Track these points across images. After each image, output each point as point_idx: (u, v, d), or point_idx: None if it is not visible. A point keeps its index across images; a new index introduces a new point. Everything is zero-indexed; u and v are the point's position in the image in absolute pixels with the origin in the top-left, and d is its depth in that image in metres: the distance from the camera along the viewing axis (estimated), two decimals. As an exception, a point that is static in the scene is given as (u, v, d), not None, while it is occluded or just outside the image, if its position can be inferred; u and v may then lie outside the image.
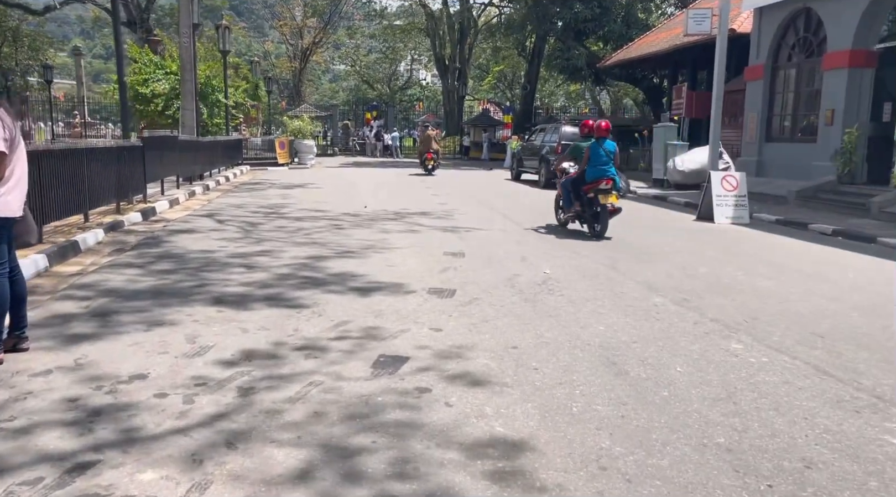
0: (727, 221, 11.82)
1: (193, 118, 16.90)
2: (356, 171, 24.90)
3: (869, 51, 13.18)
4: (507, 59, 52.15)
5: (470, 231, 9.94)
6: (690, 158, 18.20)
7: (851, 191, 13.15)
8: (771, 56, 16.13)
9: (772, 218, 12.12)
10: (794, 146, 15.31)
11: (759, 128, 16.50)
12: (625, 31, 29.74)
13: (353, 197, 14.84)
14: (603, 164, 9.58)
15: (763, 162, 16.43)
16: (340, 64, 72.04)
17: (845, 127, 13.41)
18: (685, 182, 18.28)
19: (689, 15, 16.53)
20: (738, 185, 11.99)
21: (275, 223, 10.18)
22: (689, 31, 16.74)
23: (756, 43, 16.53)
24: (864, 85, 13.40)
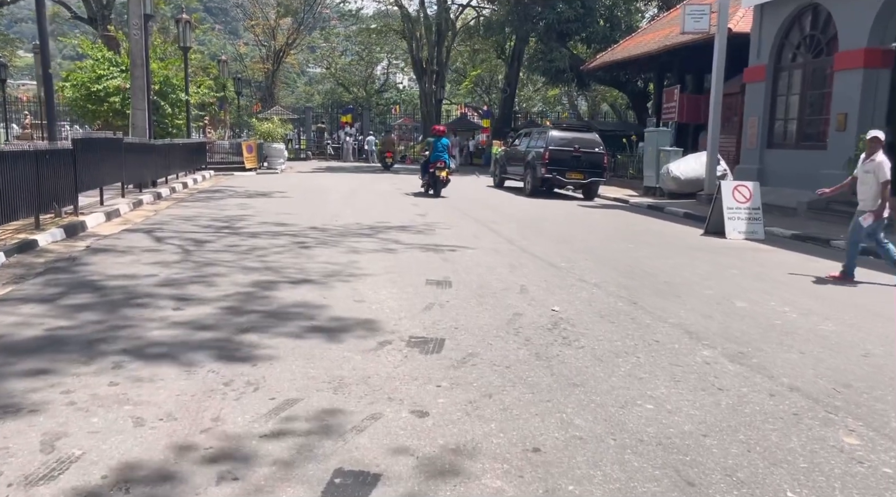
0: (740, 237, 10.59)
1: (145, 118, 15.27)
2: (329, 177, 23.37)
3: (885, 49, 12.10)
4: (485, 63, 51.01)
5: (455, 250, 8.54)
6: (686, 165, 17.05)
7: (868, 203, 12.02)
8: (773, 56, 15.03)
9: (786, 233, 10.91)
10: (801, 153, 14.19)
11: (760, 133, 15.39)
12: (609, 33, 28.67)
13: (323, 207, 13.37)
14: (440, 152, 16.46)
15: (765, 170, 15.31)
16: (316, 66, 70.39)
17: (860, 132, 12.27)
18: (680, 190, 17.11)
19: (685, 11, 15.38)
20: (750, 196, 10.77)
21: (225, 241, 8.67)
22: (685, 29, 15.60)
23: (756, 42, 15.43)
24: (881, 87, 12.32)
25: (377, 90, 63.91)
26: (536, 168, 17.40)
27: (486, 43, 41.37)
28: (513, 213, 13.46)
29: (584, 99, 58.68)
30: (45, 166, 8.69)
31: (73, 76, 20.45)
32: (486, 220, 12.12)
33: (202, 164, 22.80)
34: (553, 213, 13.85)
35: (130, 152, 13.44)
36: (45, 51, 9.94)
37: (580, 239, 10.10)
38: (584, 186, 17.66)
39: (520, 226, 11.38)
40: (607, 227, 11.85)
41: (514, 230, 10.76)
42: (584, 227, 11.65)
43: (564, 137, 17.45)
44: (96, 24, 29.73)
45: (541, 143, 17.64)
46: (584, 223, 12.35)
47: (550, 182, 17.55)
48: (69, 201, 9.77)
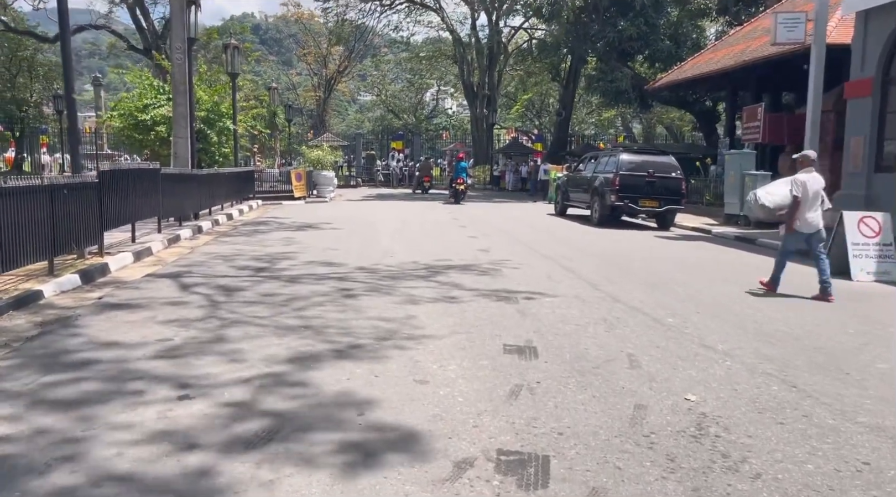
0: (869, 278, 8.81)
1: (187, 147, 14.39)
2: (380, 206, 22.27)
3: None
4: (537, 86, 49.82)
5: (531, 298, 7.09)
6: (776, 191, 15.16)
7: None
8: (881, 68, 13.19)
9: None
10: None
11: (866, 155, 13.50)
12: (674, 51, 27.01)
13: (374, 241, 12.11)
14: (460, 172, 23.80)
15: (872, 197, 13.37)
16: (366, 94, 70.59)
17: None
18: (769, 219, 15.16)
19: (777, 20, 13.72)
20: (880, 229, 9.01)
21: (261, 288, 7.42)
22: (778, 40, 13.91)
23: (860, 53, 13.62)
24: None
25: (427, 116, 63.48)
26: (605, 195, 15.84)
27: (540, 65, 40.14)
28: (585, 247, 11.93)
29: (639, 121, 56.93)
30: (62, 203, 7.65)
31: (120, 105, 20.00)
32: (558, 255, 10.63)
33: (250, 193, 22.01)
34: (631, 247, 12.27)
35: (169, 183, 12.50)
36: (69, 71, 9.03)
37: (677, 281, 8.51)
38: (658, 215, 15.99)
39: (598, 263, 9.85)
40: (701, 265, 10.20)
41: (594, 269, 9.24)
42: (674, 265, 10.04)
43: (636, 161, 15.86)
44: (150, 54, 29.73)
45: (610, 167, 16.09)
46: (672, 260, 10.73)
47: (621, 210, 15.96)
48: (93, 241, 8.74)
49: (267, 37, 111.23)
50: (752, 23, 23.19)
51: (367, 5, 44.13)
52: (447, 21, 43.57)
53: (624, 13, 26.62)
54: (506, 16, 41.77)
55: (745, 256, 11.54)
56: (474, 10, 40.41)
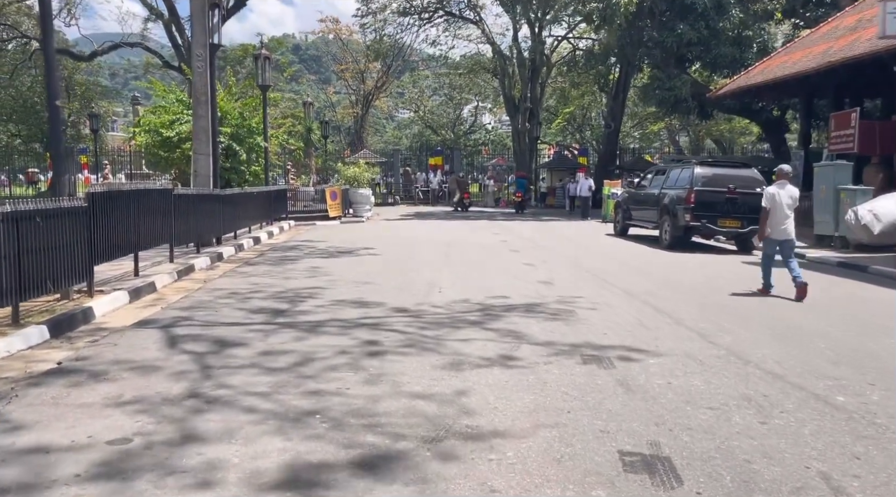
0: None
1: (209, 165, 12.96)
2: (420, 226, 20.63)
3: None
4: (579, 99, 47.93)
5: (630, 359, 5.28)
6: (883, 209, 13.06)
7: None
8: None
9: None
10: None
11: None
12: (738, 56, 24.89)
13: (415, 270, 10.41)
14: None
15: None
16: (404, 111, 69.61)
17: None
18: (873, 242, 13.10)
19: (887, 9, 11.69)
20: None
21: (270, 342, 5.74)
22: (887, 33, 11.87)
23: None
24: None
25: (465, 131, 62.07)
26: (678, 214, 13.88)
27: (586, 75, 38.29)
28: (667, 278, 10.02)
29: (686, 133, 54.50)
30: (34, 234, 6.14)
31: (145, 120, 18.85)
32: (638, 289, 8.76)
33: (282, 213, 20.62)
34: (722, 278, 10.32)
35: (185, 205, 11.04)
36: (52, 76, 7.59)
37: (808, 329, 6.58)
38: (741, 236, 13.95)
39: (693, 301, 7.96)
40: (820, 303, 8.21)
41: (693, 311, 7.35)
42: (788, 304, 8.08)
43: (714, 175, 13.88)
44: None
45: (682, 182, 14.14)
46: (779, 297, 8.76)
47: (696, 231, 13.98)
48: (81, 277, 7.22)
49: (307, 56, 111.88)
50: (829, 22, 21.02)
51: (406, 19, 43.13)
52: (488, 33, 42.14)
53: (683, 16, 24.67)
54: (549, 25, 40.14)
55: (867, 290, 9.47)
56: (516, 22, 38.82)
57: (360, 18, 43.41)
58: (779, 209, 8.72)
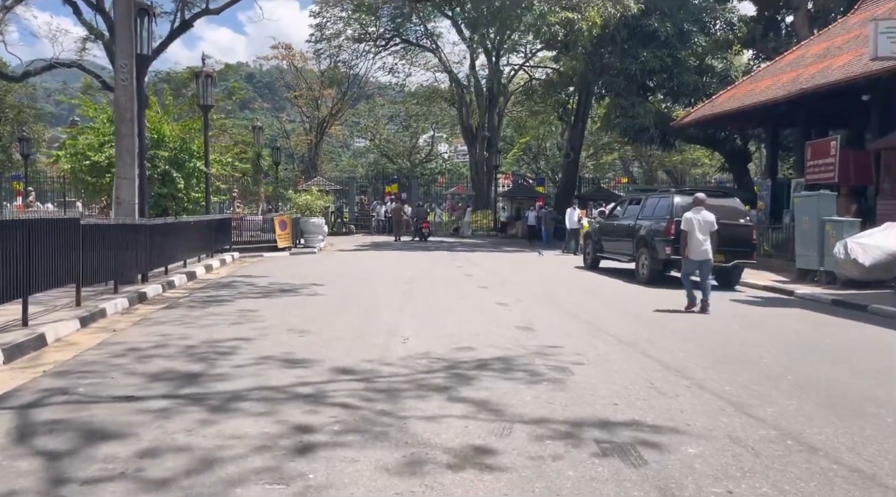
0: None
1: (134, 191, 11.30)
2: (376, 258, 19.16)
3: None
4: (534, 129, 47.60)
5: (655, 446, 3.95)
6: (873, 242, 12.22)
7: None
8: None
9: None
10: None
11: None
12: (700, 84, 24.48)
13: (371, 313, 8.96)
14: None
15: None
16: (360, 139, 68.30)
17: None
18: (864, 277, 12.23)
19: (878, 29, 10.91)
20: None
21: (165, 427, 4.18)
22: (879, 54, 11.10)
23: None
24: None
25: (422, 160, 61.12)
26: (657, 247, 12.81)
27: (544, 104, 37.76)
28: (659, 321, 8.81)
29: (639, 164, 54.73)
30: None
31: (70, 143, 17.03)
32: (633, 337, 7.50)
33: (225, 244, 18.91)
34: (719, 320, 9.17)
35: (99, 237, 9.39)
36: None
37: (857, 392, 5.37)
38: (724, 271, 12.93)
39: (702, 352, 6.72)
40: (845, 353, 7.08)
41: (708, 367, 6.09)
42: (810, 356, 6.92)
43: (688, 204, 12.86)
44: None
45: (660, 212, 13.11)
46: (795, 345, 7.63)
47: (676, 265, 12.90)
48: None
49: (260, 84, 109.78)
50: (794, 51, 20.69)
51: (361, 46, 42.09)
52: (445, 61, 41.40)
53: (646, 44, 24.16)
54: (507, 54, 39.63)
55: (882, 335, 8.41)
56: (473, 50, 38.14)
57: (314, 44, 42.28)
58: (695, 232, 9.60)
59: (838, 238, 12.57)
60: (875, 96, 16.05)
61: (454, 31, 40.74)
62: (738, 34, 25.99)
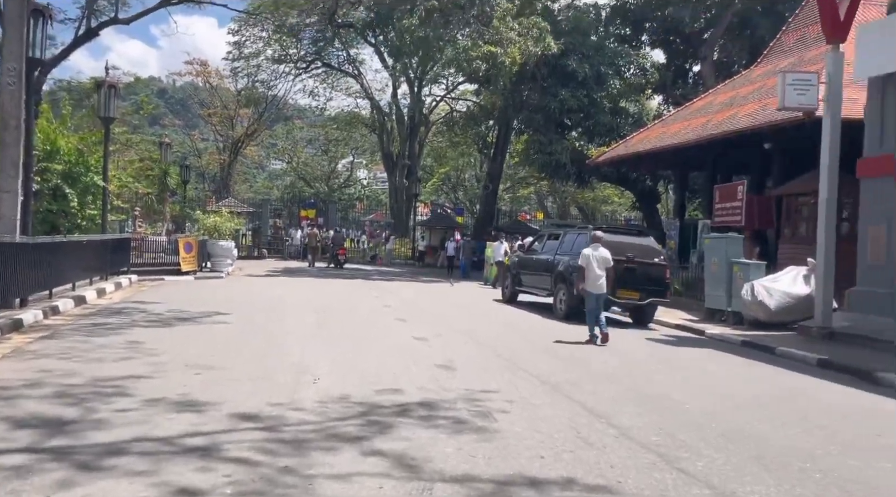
0: None
1: (16, 205, 10.18)
2: (288, 285, 18.34)
3: None
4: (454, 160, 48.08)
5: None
6: (779, 285, 12.67)
7: None
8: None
9: None
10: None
11: (891, 246, 11.20)
12: (615, 125, 25.28)
13: (278, 347, 8.33)
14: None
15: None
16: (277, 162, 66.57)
17: None
18: (771, 319, 12.64)
19: (786, 81, 11.44)
20: None
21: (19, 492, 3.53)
22: (786, 104, 11.62)
23: (878, 124, 11.54)
24: None
25: (340, 185, 60.26)
26: (575, 282, 12.77)
27: (464, 136, 38.12)
28: (579, 359, 8.64)
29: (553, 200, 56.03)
30: None
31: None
32: (556, 378, 7.25)
33: (123, 266, 17.59)
34: (636, 359, 9.11)
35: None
36: None
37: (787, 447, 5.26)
38: (638, 309, 13.06)
39: (624, 395, 6.53)
40: (764, 402, 7.09)
41: (631, 412, 5.88)
42: (738, 404, 6.86)
43: (612, 242, 12.91)
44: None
45: (578, 248, 13.05)
46: (714, 389, 7.61)
47: (596, 302, 12.93)
48: None
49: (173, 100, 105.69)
50: (703, 98, 21.70)
51: (281, 67, 41.21)
52: (367, 88, 41.19)
53: (565, 84, 24.77)
54: (430, 85, 39.87)
55: (795, 380, 8.55)
56: (396, 79, 38.11)
57: (232, 62, 41.07)
58: (592, 267, 10.30)
59: (745, 280, 12.96)
60: (776, 145, 16.94)
61: (377, 59, 40.57)
62: (650, 79, 27.13)
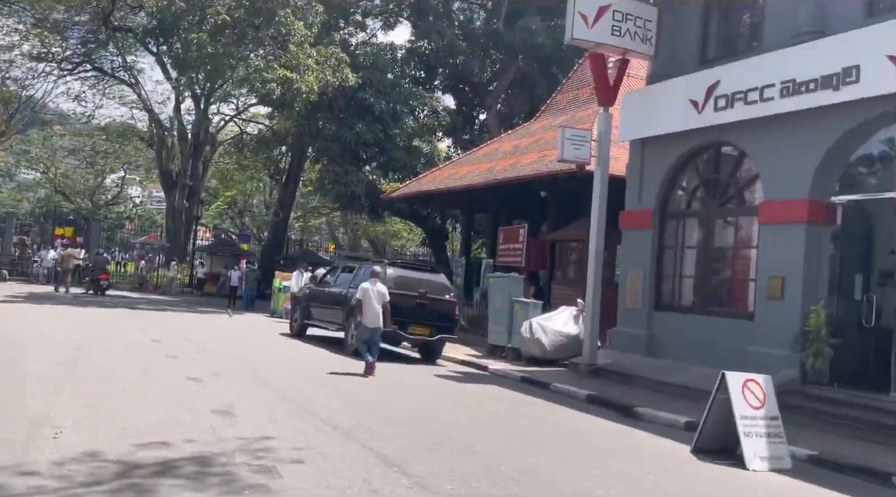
0: (764, 466, 6.70)
1: None
2: (33, 314, 15.74)
3: (827, 202, 10.02)
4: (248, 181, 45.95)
5: None
6: (554, 325, 13.57)
7: (831, 396, 9.26)
8: (660, 200, 12.60)
9: (803, 453, 7.32)
10: (710, 321, 11.41)
11: (646, 291, 12.55)
12: (409, 162, 25.92)
13: (11, 394, 6.90)
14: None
15: (655, 337, 12.34)
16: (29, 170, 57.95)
17: (806, 303, 9.80)
18: (545, 356, 13.47)
19: (565, 135, 12.45)
20: (765, 398, 7.12)
21: None
22: (565, 157, 12.60)
23: (637, 182, 12.97)
24: (823, 248, 10.12)
25: (107, 202, 54.33)
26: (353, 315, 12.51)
27: (255, 160, 36.58)
28: (372, 401, 8.34)
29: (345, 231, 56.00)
30: None
31: None
32: (348, 421, 6.86)
33: None
34: (426, 399, 9.05)
35: None
36: None
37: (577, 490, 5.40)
38: (428, 345, 13.16)
39: (421, 441, 6.34)
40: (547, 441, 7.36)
41: (430, 459, 5.69)
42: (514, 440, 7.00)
43: (406, 278, 13.01)
44: None
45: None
46: (501, 428, 7.74)
47: (386, 337, 12.78)
48: None
49: None
50: (489, 144, 23.00)
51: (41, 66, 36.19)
52: (145, 99, 37.70)
53: (361, 116, 24.86)
54: (218, 103, 37.67)
55: (564, 416, 9.05)
56: (180, 93, 35.44)
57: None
58: (370, 301, 10.67)
59: (525, 318, 13.72)
60: (552, 193, 18.48)
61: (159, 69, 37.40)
62: (441, 122, 28.34)
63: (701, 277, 12.09)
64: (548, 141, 18.24)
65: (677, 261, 12.53)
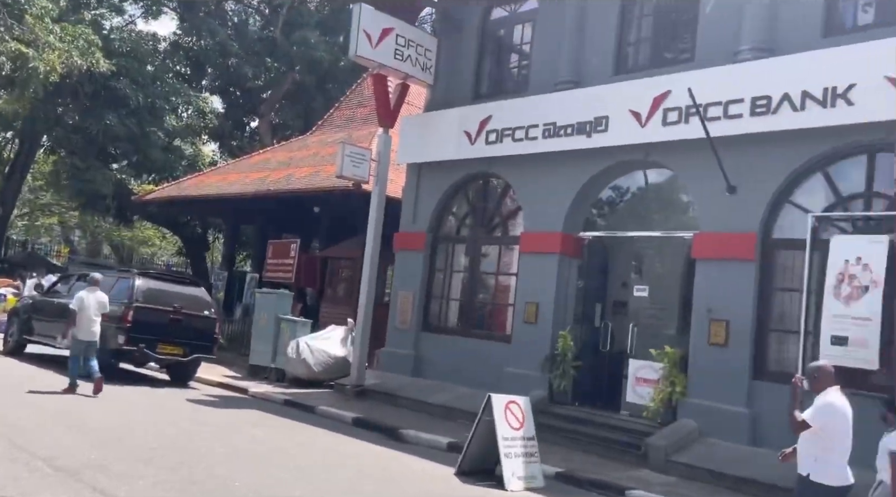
0: (520, 486, 7.02)
1: None
2: None
3: (577, 237, 11.04)
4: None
5: None
6: (322, 345, 13.12)
7: (573, 414, 10.12)
8: (433, 224, 12.94)
9: (551, 470, 7.82)
10: (473, 343, 11.88)
11: (415, 313, 12.75)
12: (167, 164, 23.73)
13: None
14: None
15: (422, 358, 12.55)
16: None
17: (557, 327, 10.67)
18: (312, 377, 12.97)
19: (345, 152, 12.09)
20: (524, 418, 7.48)
21: None
22: (343, 173, 12.25)
23: (412, 204, 13.17)
24: (572, 278, 11.10)
25: None
26: (107, 335, 10.96)
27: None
28: (110, 430, 7.20)
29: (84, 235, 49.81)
30: None
31: None
32: (76, 459, 5.80)
33: None
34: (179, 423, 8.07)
35: None
36: None
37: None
38: (180, 365, 11.90)
39: (165, 480, 5.55)
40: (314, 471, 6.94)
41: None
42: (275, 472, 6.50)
43: (157, 290, 11.64)
44: None
45: (118, 295, 11.35)
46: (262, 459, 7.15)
47: (129, 357, 11.32)
48: None
49: None
50: (262, 153, 21.96)
51: None
52: None
53: (113, 108, 22.19)
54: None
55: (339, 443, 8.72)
56: None
57: None
58: (86, 311, 9.80)
59: (292, 337, 13.13)
60: (325, 209, 18.13)
61: None
62: (208, 124, 26.51)
63: (466, 301, 12.61)
64: (324, 156, 17.89)
65: (446, 283, 12.93)
